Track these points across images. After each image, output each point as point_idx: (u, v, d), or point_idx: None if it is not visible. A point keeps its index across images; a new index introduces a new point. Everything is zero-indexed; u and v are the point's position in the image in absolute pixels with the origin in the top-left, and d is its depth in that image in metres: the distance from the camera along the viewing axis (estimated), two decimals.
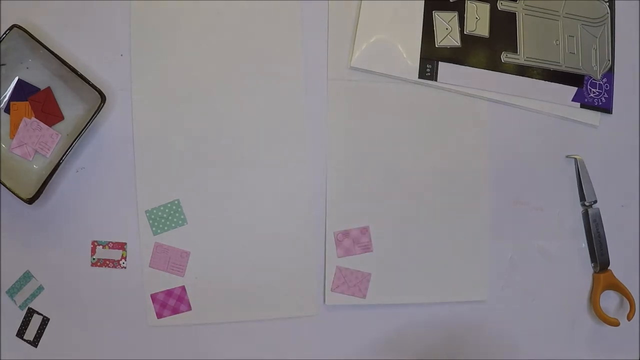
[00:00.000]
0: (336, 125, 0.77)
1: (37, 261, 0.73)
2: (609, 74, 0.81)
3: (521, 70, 0.79)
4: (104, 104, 0.68)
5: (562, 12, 0.80)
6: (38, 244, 0.74)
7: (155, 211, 0.74)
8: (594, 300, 0.79)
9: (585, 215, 0.80)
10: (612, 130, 0.82)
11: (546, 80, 0.80)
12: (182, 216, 0.75)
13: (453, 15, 0.78)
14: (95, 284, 0.74)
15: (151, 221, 0.74)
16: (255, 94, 0.76)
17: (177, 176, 0.75)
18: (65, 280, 0.74)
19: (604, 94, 0.81)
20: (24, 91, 0.73)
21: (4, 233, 0.73)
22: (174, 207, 0.75)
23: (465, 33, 0.78)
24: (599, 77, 0.81)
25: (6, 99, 0.73)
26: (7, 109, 0.73)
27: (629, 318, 0.79)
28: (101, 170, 0.74)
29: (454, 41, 0.78)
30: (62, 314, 0.74)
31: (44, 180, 0.68)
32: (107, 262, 0.74)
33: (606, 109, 0.81)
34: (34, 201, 0.67)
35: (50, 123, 0.73)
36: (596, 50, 0.81)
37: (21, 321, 0.73)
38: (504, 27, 0.79)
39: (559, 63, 0.80)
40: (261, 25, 0.76)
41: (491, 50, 0.78)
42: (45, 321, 0.74)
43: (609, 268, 0.80)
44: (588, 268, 0.81)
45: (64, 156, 0.68)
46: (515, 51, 0.79)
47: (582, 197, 0.80)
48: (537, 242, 0.80)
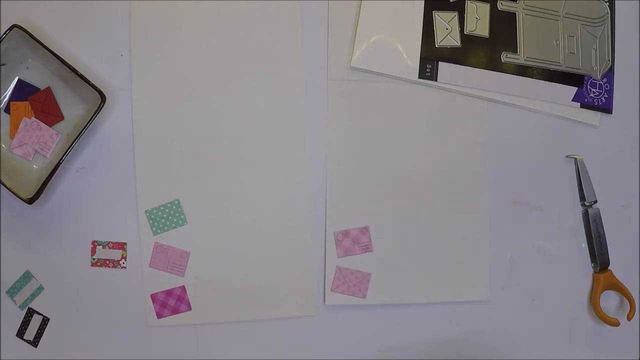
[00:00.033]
0: (336, 125, 0.77)
1: (37, 261, 0.73)
2: (609, 74, 0.81)
3: (521, 70, 0.79)
4: (104, 104, 0.68)
5: (562, 12, 0.80)
6: (38, 244, 0.74)
7: (155, 211, 0.74)
8: (594, 300, 0.79)
9: (585, 215, 0.80)
10: (612, 130, 0.82)
11: (546, 80, 0.79)
12: (182, 216, 0.75)
13: (453, 15, 0.78)
14: (95, 284, 0.74)
15: (151, 221, 0.74)
16: (255, 94, 0.76)
17: (177, 176, 0.75)
18: (65, 280, 0.74)
19: (604, 94, 0.81)
20: (24, 91, 0.73)
21: (4, 233, 0.73)
22: (174, 207, 0.75)
23: (465, 33, 0.78)
24: (599, 77, 0.81)
25: (6, 99, 0.73)
26: (7, 109, 0.73)
27: (629, 318, 0.79)
28: (101, 170, 0.74)
29: (454, 41, 0.78)
30: (62, 314, 0.74)
31: (44, 180, 0.68)
32: (107, 262, 0.74)
33: (606, 109, 0.81)
34: (34, 201, 0.67)
35: (50, 123, 0.73)
36: (596, 50, 0.81)
37: (21, 321, 0.73)
38: (504, 27, 0.79)
39: (559, 63, 0.80)
40: (261, 25, 0.76)
41: (491, 50, 0.78)
42: (45, 321, 0.74)
43: (609, 268, 0.80)
44: (588, 268, 0.81)
45: (64, 156, 0.68)
46: (515, 51, 0.79)
47: (582, 197, 0.80)
48: (537, 242, 0.80)
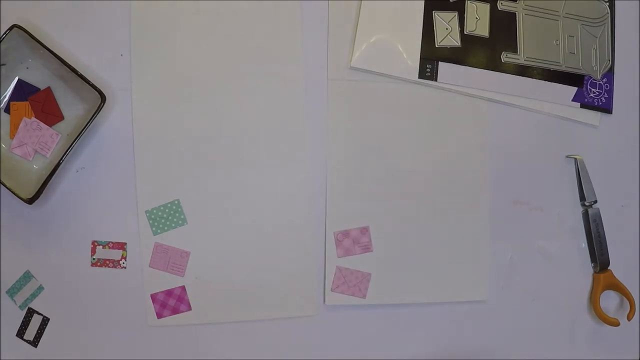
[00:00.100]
0: (336, 125, 0.77)
1: (37, 261, 0.73)
2: (609, 74, 0.81)
3: (521, 70, 0.79)
4: (104, 104, 0.68)
5: (562, 12, 0.80)
6: (38, 244, 0.74)
7: (155, 211, 0.74)
8: (594, 300, 0.79)
9: (585, 215, 0.80)
10: (612, 130, 0.82)
11: (546, 80, 0.79)
12: (182, 216, 0.75)
13: (453, 15, 0.78)
14: (95, 284, 0.74)
15: (151, 221, 0.74)
16: (255, 94, 0.76)
17: (177, 176, 0.75)
18: (65, 280, 0.74)
19: (604, 94, 0.81)
20: (24, 91, 0.73)
21: (4, 233, 0.73)
22: (174, 207, 0.75)
23: (465, 33, 0.78)
24: (599, 77, 0.81)
25: (6, 99, 0.73)
26: (7, 109, 0.73)
27: (629, 318, 0.79)
28: (101, 170, 0.74)
29: (454, 41, 0.78)
30: (62, 314, 0.74)
31: (44, 180, 0.68)
32: (107, 262, 0.74)
33: (606, 109, 0.81)
34: (34, 201, 0.67)
35: (50, 123, 0.73)
36: (596, 50, 0.81)
37: (21, 321, 0.73)
38: (504, 27, 0.79)
39: (559, 63, 0.80)
40: (261, 25, 0.76)
41: (491, 50, 0.78)
42: (45, 321, 0.74)
43: (609, 268, 0.80)
44: (588, 268, 0.81)
45: (64, 156, 0.68)
46: (515, 51, 0.79)
47: (582, 197, 0.80)
48: (537, 242, 0.80)
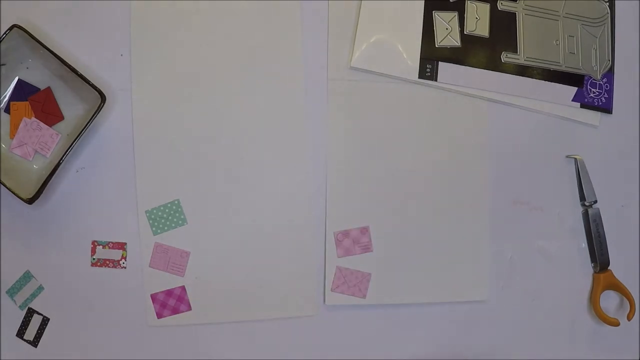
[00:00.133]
0: (336, 125, 0.77)
1: (37, 261, 0.73)
2: (609, 74, 0.81)
3: (521, 70, 0.79)
4: (104, 104, 0.68)
5: (562, 12, 0.80)
6: (38, 244, 0.74)
7: (155, 211, 0.74)
8: (594, 300, 0.79)
9: (585, 215, 0.80)
10: (612, 130, 0.82)
11: (546, 80, 0.79)
12: (182, 216, 0.75)
13: (453, 15, 0.78)
14: (95, 284, 0.74)
15: (151, 221, 0.74)
16: (255, 94, 0.76)
17: (177, 176, 0.75)
18: (65, 280, 0.74)
19: (604, 94, 0.81)
20: (24, 91, 0.73)
21: (4, 233, 0.73)
22: (174, 207, 0.75)
23: (465, 33, 0.78)
24: (599, 77, 0.81)
25: (6, 99, 0.73)
26: (7, 109, 0.73)
27: (629, 318, 0.79)
28: (101, 170, 0.74)
29: (454, 41, 0.78)
30: (62, 314, 0.74)
31: (44, 180, 0.68)
32: (107, 262, 0.74)
33: (606, 109, 0.81)
34: (34, 201, 0.67)
35: (50, 123, 0.73)
36: (596, 50, 0.81)
37: (21, 321, 0.73)
38: (504, 27, 0.79)
39: (559, 63, 0.80)
40: (261, 25, 0.76)
41: (491, 50, 0.78)
42: (45, 321, 0.74)
43: (609, 268, 0.80)
44: (588, 268, 0.81)
45: (64, 156, 0.68)
46: (515, 51, 0.79)
47: (582, 197, 0.80)
48: (537, 242, 0.80)
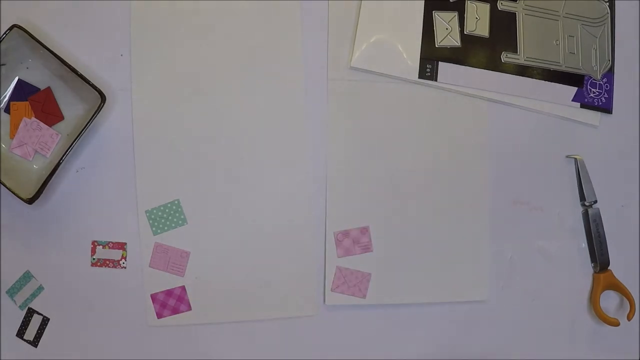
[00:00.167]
0: (336, 125, 0.77)
1: (37, 261, 0.73)
2: (609, 74, 0.81)
3: (521, 70, 0.79)
4: (104, 104, 0.68)
5: (562, 12, 0.80)
6: (38, 244, 0.74)
7: (155, 211, 0.74)
8: (594, 300, 0.79)
9: (585, 215, 0.80)
10: (612, 130, 0.82)
11: (546, 80, 0.79)
12: (182, 216, 0.75)
13: (453, 15, 0.78)
14: (95, 284, 0.74)
15: (151, 221, 0.74)
16: (255, 94, 0.76)
17: (177, 176, 0.75)
18: (65, 280, 0.74)
19: (604, 94, 0.81)
20: (24, 91, 0.73)
21: (4, 233, 0.73)
22: (174, 207, 0.75)
23: (465, 33, 0.78)
24: (599, 77, 0.81)
25: (6, 99, 0.73)
26: (7, 109, 0.73)
27: (629, 318, 0.79)
28: (101, 170, 0.74)
29: (454, 41, 0.78)
30: (62, 314, 0.74)
31: (44, 180, 0.68)
32: (107, 262, 0.74)
33: (606, 109, 0.81)
34: (34, 201, 0.67)
35: (50, 123, 0.73)
36: (596, 50, 0.81)
37: (21, 321, 0.73)
38: (504, 27, 0.79)
39: (559, 63, 0.80)
40: (261, 25, 0.76)
41: (491, 50, 0.78)
42: (45, 321, 0.74)
43: (609, 268, 0.80)
44: (588, 268, 0.81)
45: (64, 156, 0.68)
46: (515, 51, 0.79)
47: (582, 197, 0.80)
48: (537, 242, 0.80)
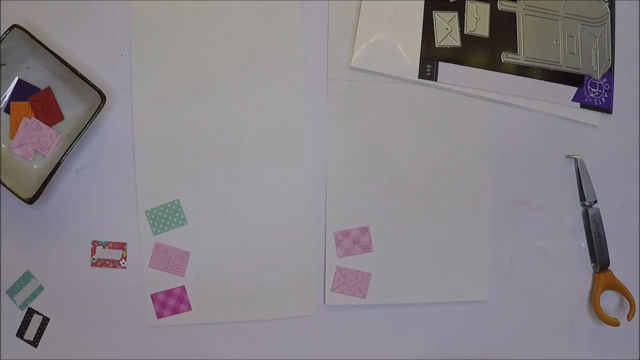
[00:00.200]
0: (336, 125, 0.77)
1: (37, 261, 0.73)
2: (609, 74, 0.81)
3: (521, 70, 0.79)
4: (104, 104, 0.68)
5: (562, 12, 0.80)
6: (38, 244, 0.74)
7: (155, 211, 0.74)
8: (594, 300, 0.79)
9: (585, 215, 0.80)
10: (612, 130, 0.82)
11: (546, 80, 0.79)
12: (182, 216, 0.75)
13: (453, 15, 0.78)
14: (95, 284, 0.74)
15: (151, 221, 0.74)
16: (255, 94, 0.76)
17: (177, 176, 0.75)
18: (65, 280, 0.74)
19: (604, 94, 0.81)
20: (24, 91, 0.73)
21: (4, 233, 0.73)
22: (174, 207, 0.75)
23: (465, 33, 0.78)
24: (599, 77, 0.81)
25: (6, 99, 0.73)
26: (7, 109, 0.73)
27: (629, 318, 0.79)
28: (101, 170, 0.74)
29: (454, 41, 0.78)
30: (62, 314, 0.74)
31: (44, 180, 0.68)
32: (107, 262, 0.74)
33: (606, 109, 0.81)
34: (34, 201, 0.67)
35: (50, 123, 0.73)
36: (596, 50, 0.81)
37: (21, 321, 0.73)
38: (504, 27, 0.79)
39: (559, 63, 0.80)
40: (261, 25, 0.76)
41: (491, 50, 0.78)
42: (45, 321, 0.74)
43: (609, 268, 0.80)
44: (588, 268, 0.81)
45: (64, 156, 0.68)
46: (515, 51, 0.79)
47: (582, 197, 0.80)
48: (537, 242, 0.80)
